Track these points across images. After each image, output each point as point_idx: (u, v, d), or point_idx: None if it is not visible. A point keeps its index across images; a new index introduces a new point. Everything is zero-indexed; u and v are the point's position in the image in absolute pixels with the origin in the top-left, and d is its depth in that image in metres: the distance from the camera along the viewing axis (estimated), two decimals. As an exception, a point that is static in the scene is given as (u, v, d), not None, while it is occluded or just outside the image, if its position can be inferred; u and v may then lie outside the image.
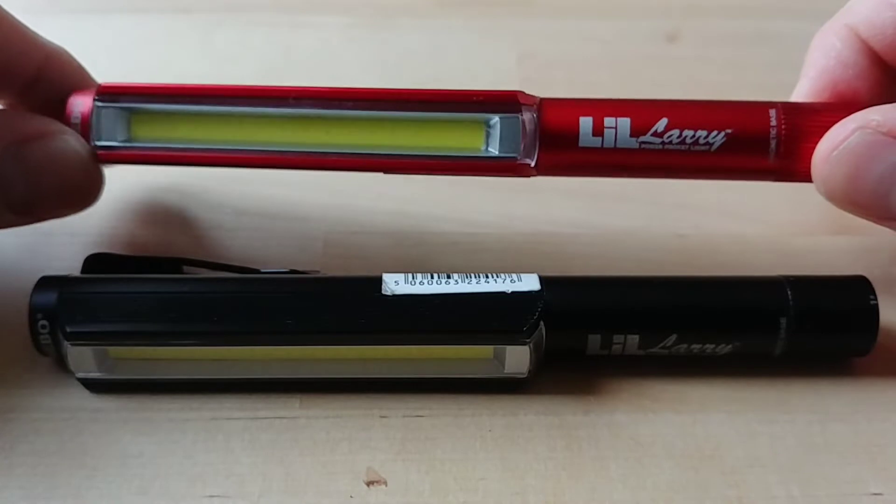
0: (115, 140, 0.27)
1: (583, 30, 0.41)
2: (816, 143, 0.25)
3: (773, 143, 0.26)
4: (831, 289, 0.26)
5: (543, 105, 0.26)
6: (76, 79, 0.28)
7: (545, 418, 0.25)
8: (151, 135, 0.27)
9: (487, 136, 0.26)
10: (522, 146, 0.26)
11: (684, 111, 0.26)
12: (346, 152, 0.26)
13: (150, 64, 0.38)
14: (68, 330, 0.24)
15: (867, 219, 0.25)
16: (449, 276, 0.25)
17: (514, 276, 0.25)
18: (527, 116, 0.26)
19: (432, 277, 0.25)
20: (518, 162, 0.26)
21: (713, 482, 0.23)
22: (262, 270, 0.27)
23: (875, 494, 0.23)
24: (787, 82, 0.38)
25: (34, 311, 0.24)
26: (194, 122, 0.27)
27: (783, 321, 0.25)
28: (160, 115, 0.27)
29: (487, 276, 0.25)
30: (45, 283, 0.25)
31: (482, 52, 0.39)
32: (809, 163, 0.25)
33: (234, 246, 0.30)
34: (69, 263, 0.28)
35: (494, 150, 0.26)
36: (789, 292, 0.25)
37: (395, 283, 0.25)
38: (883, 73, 0.26)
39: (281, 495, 0.23)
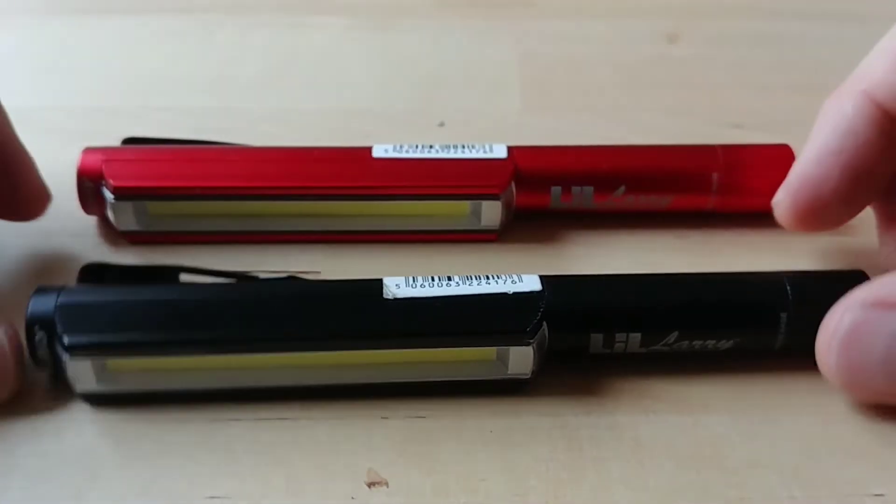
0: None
1: (583, 30, 0.41)
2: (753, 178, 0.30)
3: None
4: (829, 283, 0.26)
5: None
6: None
7: (546, 419, 0.25)
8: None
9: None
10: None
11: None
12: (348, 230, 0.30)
13: (151, 64, 0.38)
14: (67, 342, 0.23)
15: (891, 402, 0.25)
16: (450, 279, 0.25)
17: (515, 276, 0.25)
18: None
19: (433, 280, 0.25)
20: None
21: (714, 483, 0.23)
22: (262, 277, 0.27)
23: (877, 495, 0.23)
24: (788, 83, 0.38)
25: (31, 324, 0.24)
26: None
27: (783, 316, 0.25)
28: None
29: (488, 278, 0.25)
30: (42, 293, 0.24)
31: (482, 52, 0.39)
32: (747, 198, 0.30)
33: (233, 250, 0.30)
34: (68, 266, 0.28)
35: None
36: (788, 288, 0.25)
37: (397, 287, 0.25)
38: (888, 141, 0.26)
39: (282, 496, 0.23)
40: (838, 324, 0.23)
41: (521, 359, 0.24)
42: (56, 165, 0.29)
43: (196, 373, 0.25)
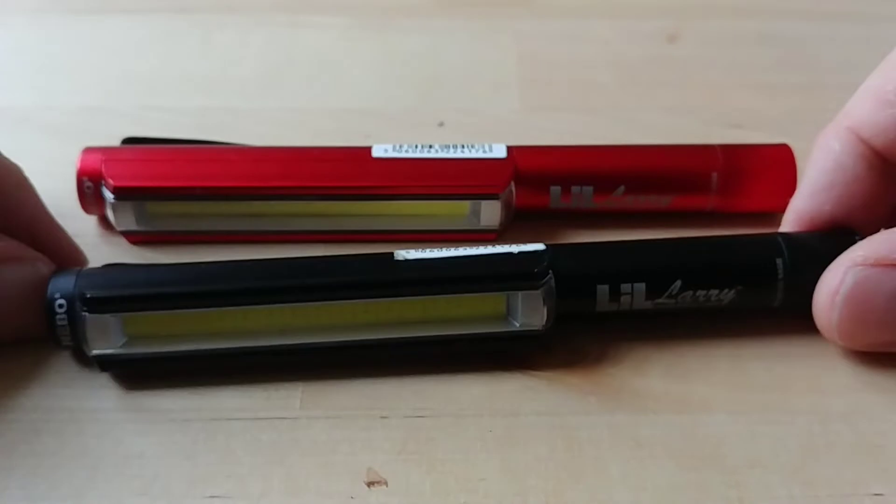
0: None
1: (583, 30, 0.41)
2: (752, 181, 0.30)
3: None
4: (820, 238, 0.27)
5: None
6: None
7: (546, 419, 0.25)
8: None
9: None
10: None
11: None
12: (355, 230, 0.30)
13: (151, 64, 0.38)
14: (88, 296, 0.24)
15: (886, 350, 0.26)
16: (457, 246, 0.26)
17: (520, 244, 0.26)
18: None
19: (441, 248, 0.26)
20: None
21: (714, 483, 0.23)
22: None
23: (877, 495, 0.23)
24: (787, 82, 0.38)
25: (52, 293, 0.24)
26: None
27: (779, 262, 0.26)
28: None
29: (494, 244, 0.26)
30: (61, 274, 0.25)
31: (482, 52, 0.39)
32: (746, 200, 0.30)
33: (233, 250, 0.30)
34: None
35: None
36: (782, 242, 0.26)
37: (408, 253, 0.26)
38: (879, 176, 0.26)
39: (281, 496, 0.23)
40: (841, 281, 0.25)
41: (531, 307, 0.25)
42: (56, 165, 0.29)
43: (212, 336, 0.25)
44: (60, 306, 0.24)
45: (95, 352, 0.25)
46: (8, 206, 0.26)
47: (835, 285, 0.25)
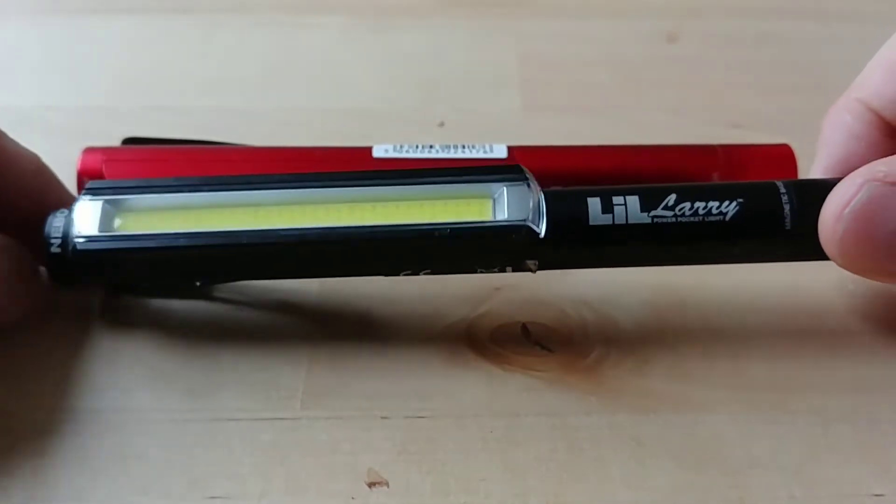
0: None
1: (583, 30, 0.41)
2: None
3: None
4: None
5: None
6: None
7: (546, 419, 0.25)
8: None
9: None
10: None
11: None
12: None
13: (151, 64, 0.38)
14: (87, 187, 0.25)
15: (882, 280, 0.24)
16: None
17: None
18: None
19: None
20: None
21: (715, 483, 0.23)
22: None
23: (877, 496, 0.23)
24: (787, 83, 0.38)
25: (52, 216, 0.25)
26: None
27: (780, 184, 0.25)
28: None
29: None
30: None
31: (482, 52, 0.39)
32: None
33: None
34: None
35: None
36: (781, 185, 0.25)
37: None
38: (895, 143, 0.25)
39: (282, 496, 0.23)
40: (855, 194, 0.23)
41: (517, 200, 0.24)
42: (56, 165, 0.29)
43: (200, 234, 0.24)
44: (62, 213, 0.25)
45: (79, 234, 0.24)
46: (29, 193, 0.27)
47: (847, 197, 0.23)
